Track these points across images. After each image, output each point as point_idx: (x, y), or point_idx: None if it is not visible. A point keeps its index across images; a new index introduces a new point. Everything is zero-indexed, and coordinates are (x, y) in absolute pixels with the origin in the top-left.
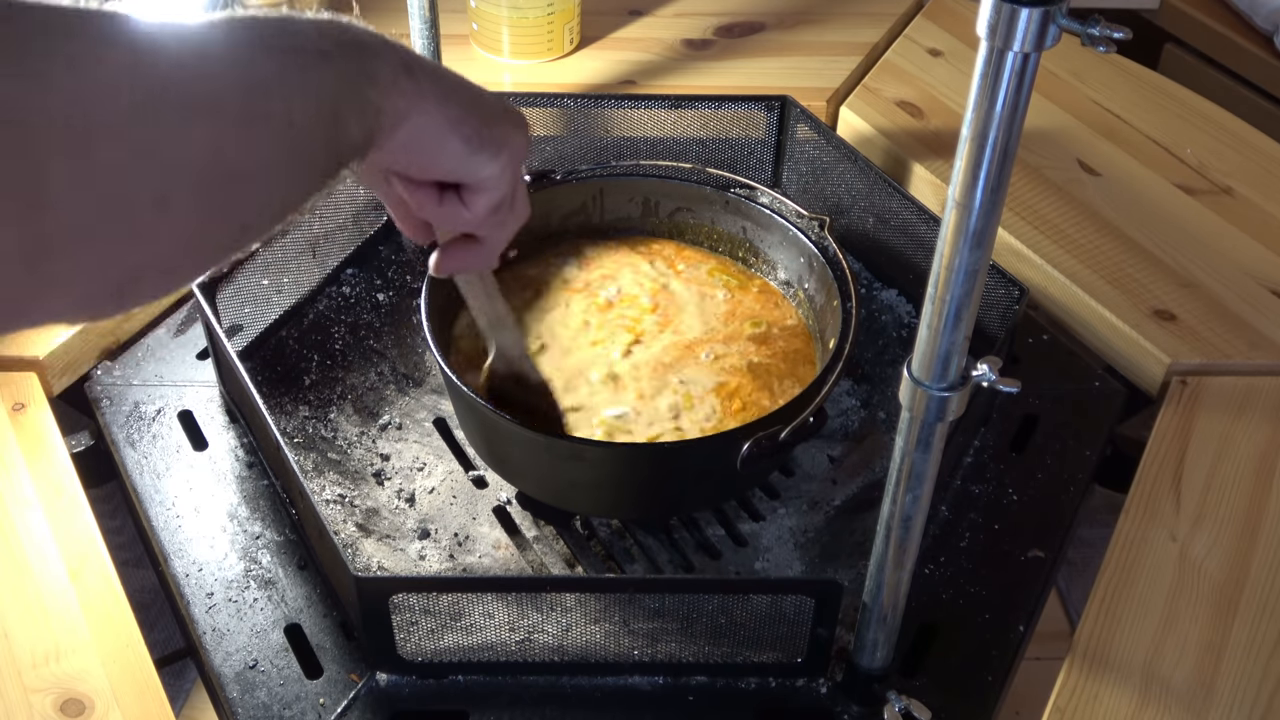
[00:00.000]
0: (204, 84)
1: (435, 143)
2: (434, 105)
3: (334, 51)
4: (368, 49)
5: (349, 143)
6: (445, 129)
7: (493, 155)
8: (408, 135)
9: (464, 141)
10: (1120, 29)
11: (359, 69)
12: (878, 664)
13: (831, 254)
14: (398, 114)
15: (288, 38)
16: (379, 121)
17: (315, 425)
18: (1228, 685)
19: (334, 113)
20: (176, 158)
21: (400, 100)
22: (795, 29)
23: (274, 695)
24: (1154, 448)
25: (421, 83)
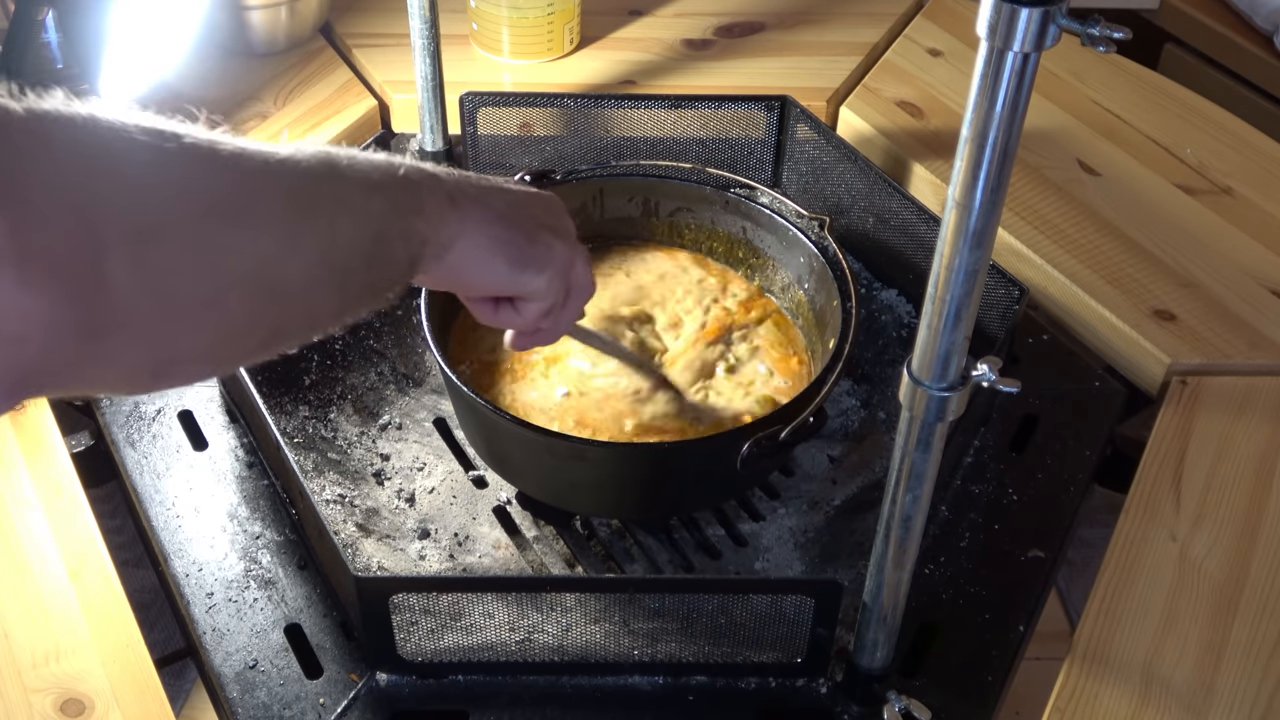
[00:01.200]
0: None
1: (481, 267)
2: (476, 231)
3: (384, 183)
4: (415, 185)
5: (394, 266)
6: (489, 253)
7: (537, 271)
8: (454, 262)
9: (508, 262)
10: (1120, 29)
11: (406, 200)
12: (878, 664)
13: (831, 254)
14: (442, 243)
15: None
16: (423, 250)
17: (315, 425)
18: (1228, 685)
19: (379, 236)
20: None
21: (445, 230)
22: (795, 29)
23: (274, 695)
24: (1154, 448)
25: (466, 212)
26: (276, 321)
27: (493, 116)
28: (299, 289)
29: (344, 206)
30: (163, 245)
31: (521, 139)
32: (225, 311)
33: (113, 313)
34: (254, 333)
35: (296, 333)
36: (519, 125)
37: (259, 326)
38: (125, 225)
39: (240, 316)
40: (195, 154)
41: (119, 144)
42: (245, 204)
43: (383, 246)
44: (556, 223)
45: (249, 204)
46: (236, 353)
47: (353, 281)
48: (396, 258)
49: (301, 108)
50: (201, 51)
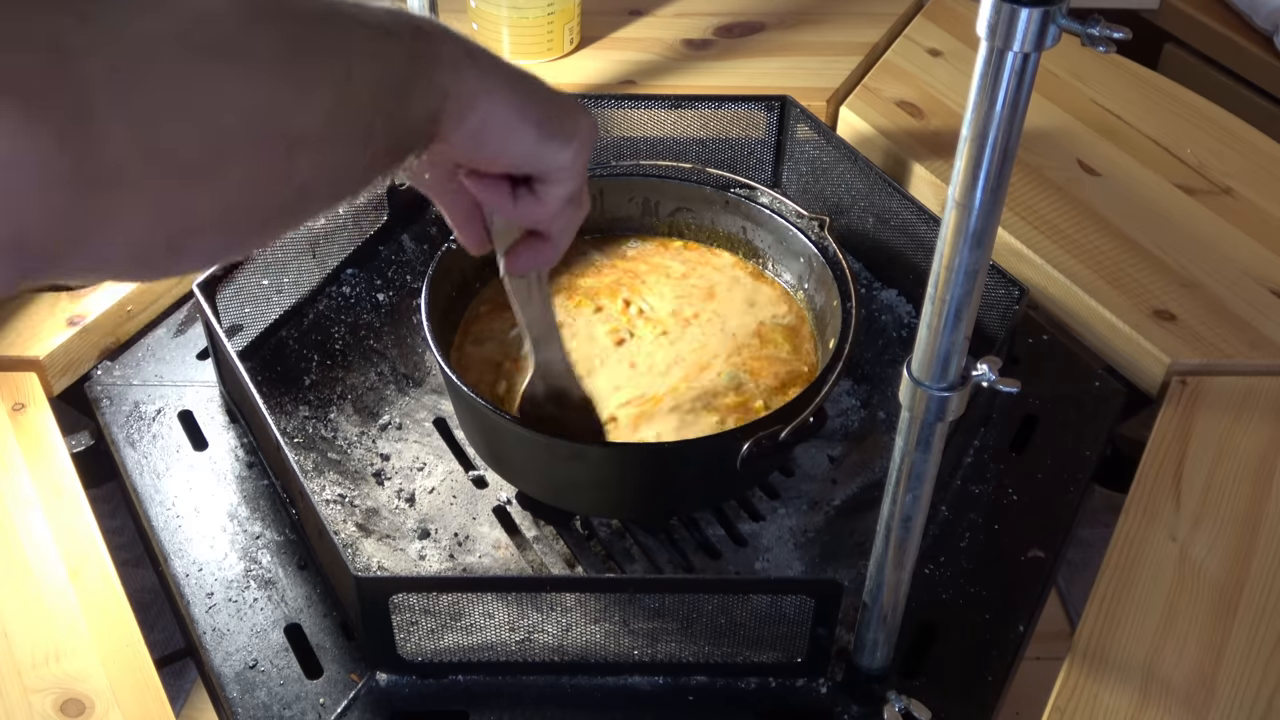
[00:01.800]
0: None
1: (507, 129)
2: (502, 90)
3: (398, 28)
4: (430, 31)
5: (414, 120)
6: (515, 115)
7: (565, 142)
8: (478, 121)
9: (536, 127)
10: (1120, 29)
11: (425, 49)
12: (878, 664)
13: (831, 254)
14: (465, 98)
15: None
16: (445, 105)
17: (315, 425)
18: (1228, 685)
19: (398, 84)
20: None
21: (467, 84)
22: (795, 29)
23: (274, 695)
24: (1154, 448)
25: (485, 68)
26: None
27: None
28: (316, 140)
29: (358, 50)
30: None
31: None
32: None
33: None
34: (273, 193)
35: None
36: None
37: (277, 185)
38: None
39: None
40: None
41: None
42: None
43: (404, 96)
44: (578, 104)
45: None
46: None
47: (374, 134)
48: (417, 110)
49: None
50: None
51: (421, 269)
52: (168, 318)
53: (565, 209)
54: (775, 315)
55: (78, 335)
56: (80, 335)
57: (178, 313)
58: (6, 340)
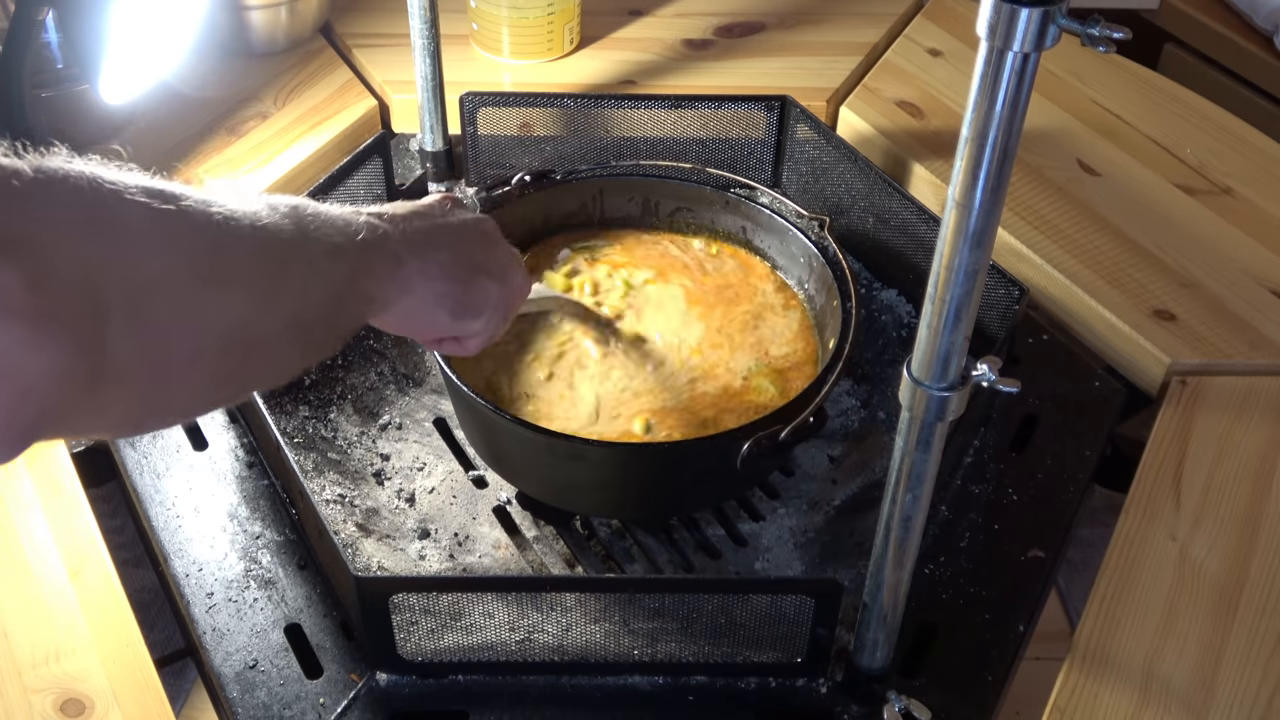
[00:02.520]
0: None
1: (424, 318)
2: (420, 287)
3: (345, 247)
4: (370, 246)
5: (347, 323)
6: (431, 306)
7: (475, 316)
8: (400, 315)
9: (449, 313)
10: (1120, 29)
11: (363, 264)
12: (878, 664)
13: (831, 254)
14: (388, 300)
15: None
16: (372, 307)
17: (315, 425)
18: (1228, 685)
19: (339, 298)
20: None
21: (391, 289)
22: (795, 29)
23: (274, 695)
24: (1154, 448)
25: (409, 271)
26: (247, 374)
27: (493, 116)
28: (270, 346)
29: (314, 271)
30: (158, 305)
31: (521, 139)
32: (206, 367)
33: (110, 367)
34: (226, 385)
35: (262, 383)
36: (519, 125)
37: (231, 380)
38: (125, 286)
39: (217, 371)
40: (190, 218)
41: (120, 207)
42: (234, 268)
43: (341, 306)
44: (491, 261)
45: (237, 268)
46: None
47: (315, 336)
48: (350, 315)
49: (301, 108)
50: (201, 51)
51: None
52: None
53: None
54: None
55: None
56: None
57: None
58: None
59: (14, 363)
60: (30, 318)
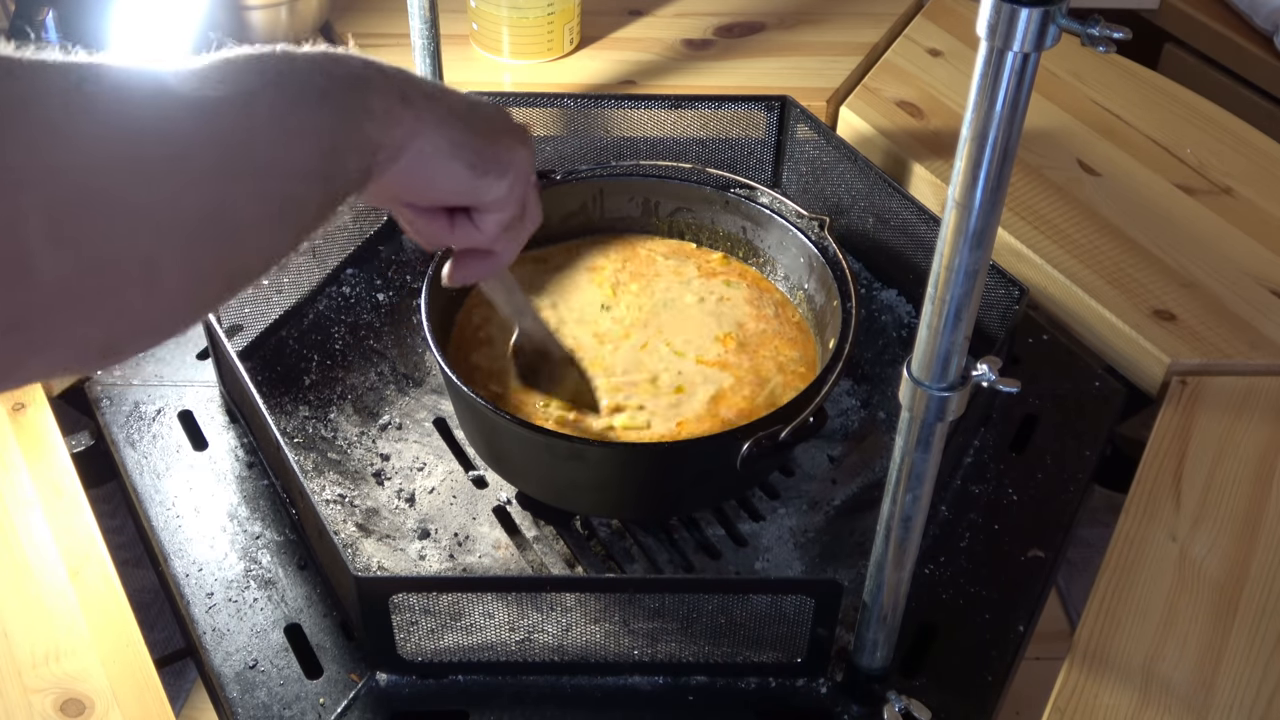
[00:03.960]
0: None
1: (437, 170)
2: (432, 132)
3: (330, 88)
4: (363, 81)
5: (345, 179)
6: (446, 155)
7: (498, 176)
8: (408, 164)
9: (467, 166)
10: (1120, 29)
11: (356, 103)
12: (878, 664)
13: (831, 254)
14: (396, 146)
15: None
16: (376, 156)
17: (315, 425)
18: (1228, 685)
19: (331, 149)
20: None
21: (397, 130)
22: (795, 29)
23: (274, 695)
24: (1154, 448)
25: (419, 110)
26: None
27: None
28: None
29: (289, 131)
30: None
31: None
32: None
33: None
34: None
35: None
36: None
37: (214, 276)
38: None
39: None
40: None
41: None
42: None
43: (334, 162)
44: (513, 126)
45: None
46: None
47: (307, 205)
48: (349, 170)
49: None
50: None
51: (421, 269)
52: None
53: (504, 234)
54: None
55: None
56: None
57: None
58: None
59: None
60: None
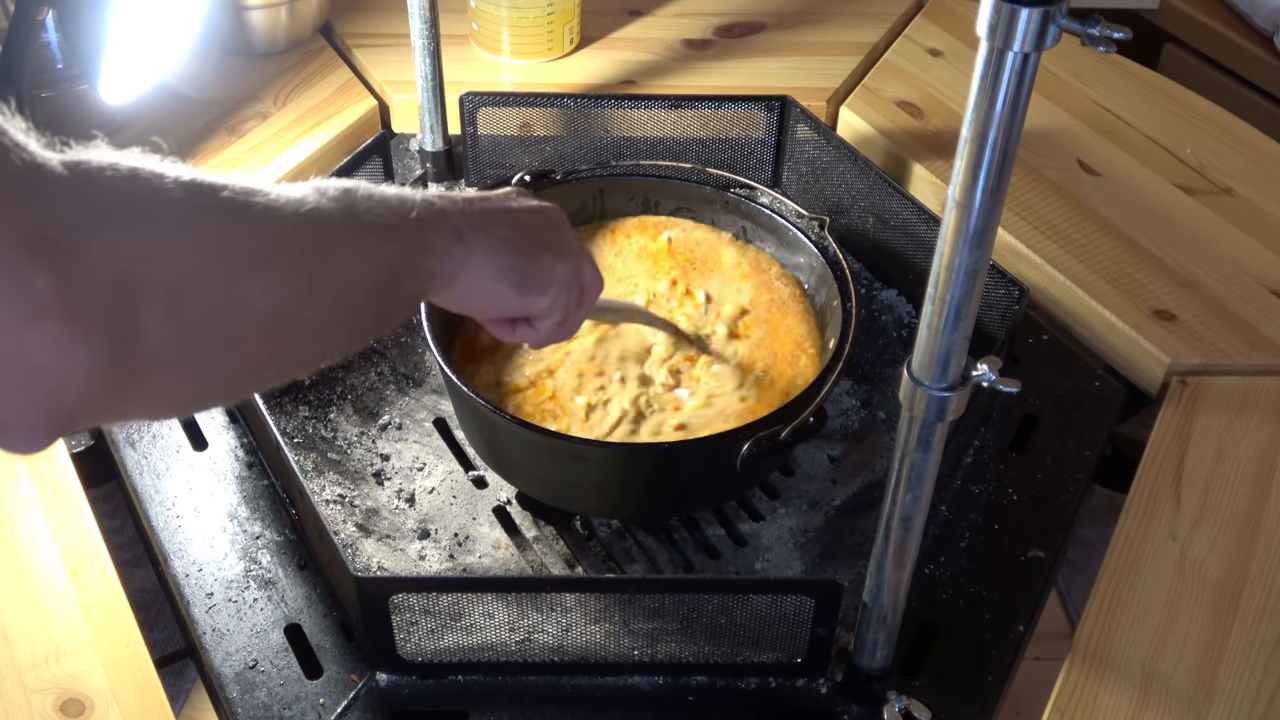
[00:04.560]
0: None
1: (488, 294)
2: (482, 261)
3: (398, 226)
4: (426, 223)
5: (401, 299)
6: (494, 281)
7: (541, 292)
8: (460, 290)
9: (513, 287)
10: (1120, 29)
11: (419, 240)
12: (878, 664)
13: (831, 254)
14: (448, 275)
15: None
16: (430, 283)
17: (315, 425)
18: (1228, 685)
19: (392, 277)
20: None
21: (451, 263)
22: (795, 29)
23: (274, 695)
24: (1154, 448)
25: (471, 244)
26: (291, 357)
27: (493, 116)
28: (314, 328)
29: (361, 253)
30: (194, 297)
31: (521, 139)
32: (246, 352)
33: (145, 360)
34: (269, 368)
35: (308, 364)
36: (519, 125)
37: (274, 362)
38: (161, 279)
39: (259, 355)
40: (229, 209)
41: (157, 200)
42: (272, 256)
43: (393, 284)
44: (556, 241)
45: (276, 256)
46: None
47: (363, 317)
48: (404, 293)
49: (301, 108)
50: (201, 51)
51: None
52: None
53: (560, 329)
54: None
55: None
56: None
57: None
58: None
59: (46, 361)
60: (62, 317)
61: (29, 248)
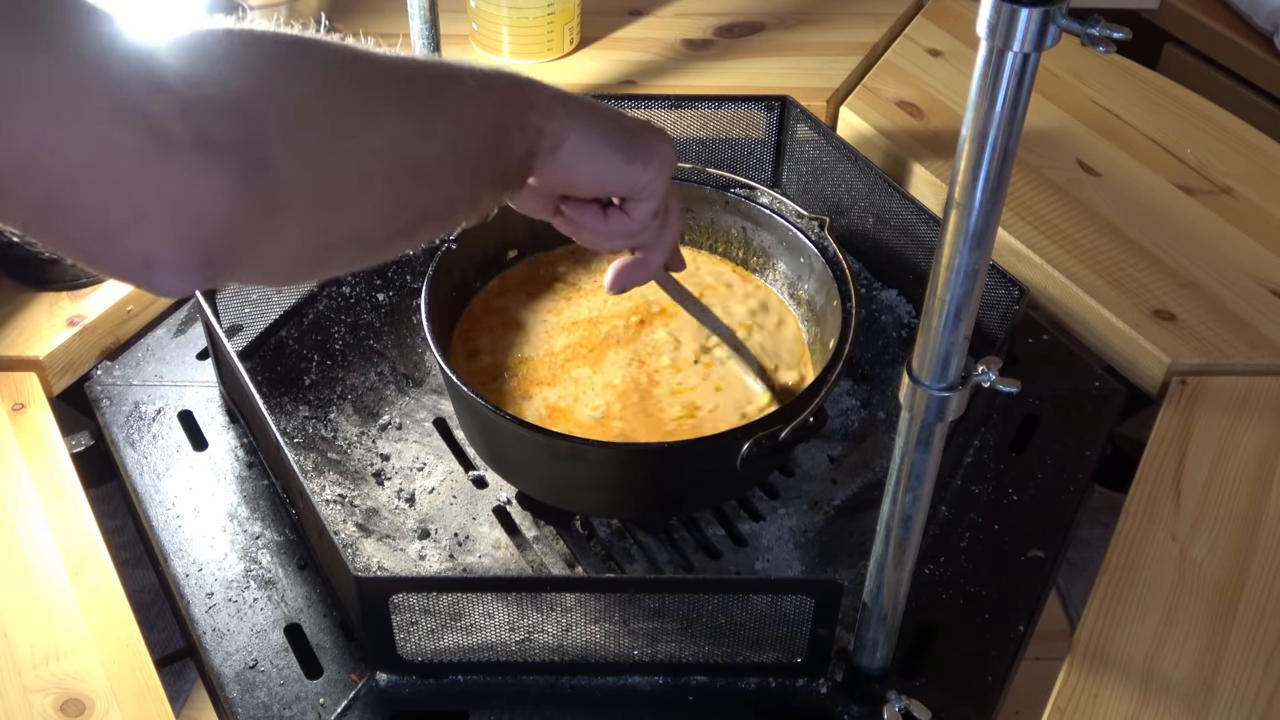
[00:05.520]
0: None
1: (593, 157)
2: (586, 125)
3: (496, 80)
4: (524, 83)
5: (513, 156)
6: (599, 144)
7: (645, 162)
8: (568, 153)
9: (619, 153)
10: (1120, 29)
11: (520, 96)
12: (878, 664)
13: (831, 254)
14: (556, 135)
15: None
16: (539, 142)
17: (315, 425)
18: (1228, 685)
19: (500, 126)
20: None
21: (557, 123)
22: (795, 29)
23: (274, 695)
24: (1154, 448)
25: (573, 108)
26: (420, 203)
27: None
28: (435, 171)
29: (467, 96)
30: (315, 129)
31: None
32: (374, 192)
33: (278, 192)
34: (401, 214)
35: (437, 217)
36: None
37: (405, 208)
38: (281, 112)
39: (387, 198)
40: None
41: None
42: (382, 91)
43: (504, 135)
44: (655, 127)
45: (385, 91)
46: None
47: (481, 167)
48: (516, 148)
49: None
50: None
51: (421, 269)
52: (168, 318)
53: (653, 223)
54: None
55: (78, 335)
56: (80, 335)
57: (178, 313)
58: (6, 340)
59: (185, 189)
60: (193, 144)
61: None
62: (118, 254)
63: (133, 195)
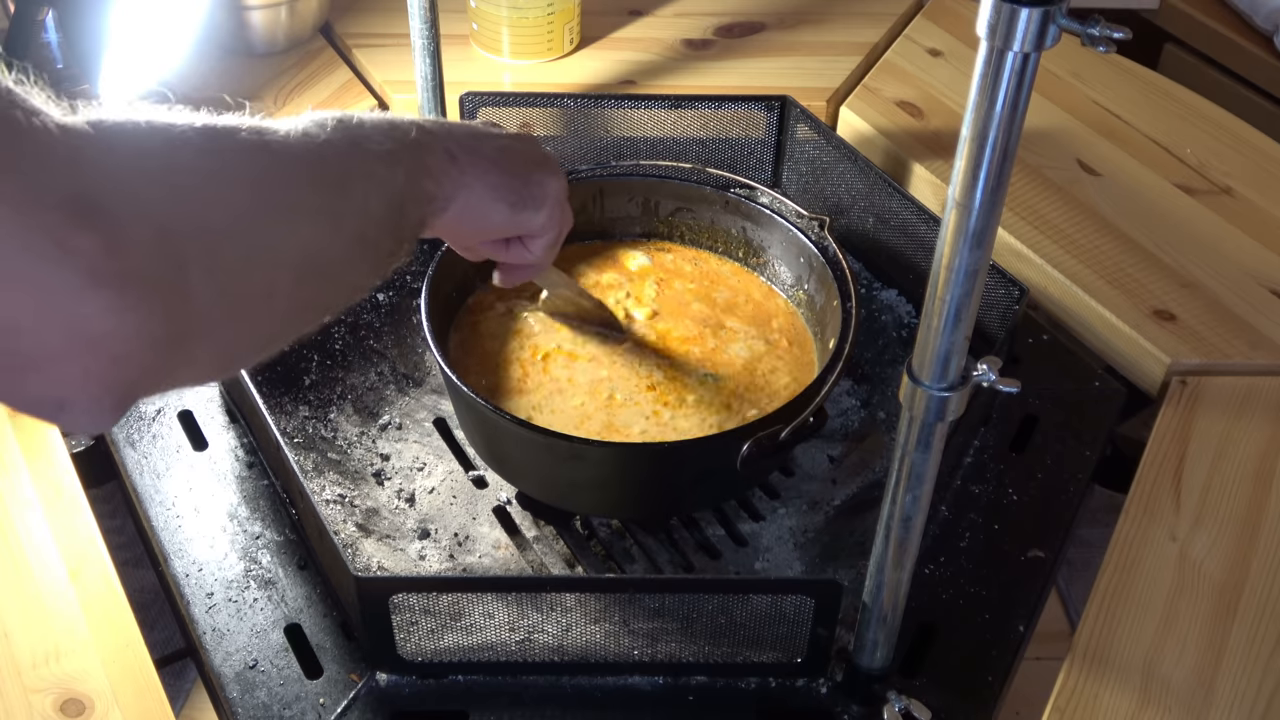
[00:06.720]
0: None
1: (480, 213)
2: (475, 181)
3: (399, 152)
4: (422, 146)
5: (409, 227)
6: (486, 198)
7: (535, 209)
8: (457, 213)
9: (508, 205)
10: (1120, 29)
11: (418, 164)
12: (878, 664)
13: (831, 254)
14: (447, 198)
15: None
16: (432, 207)
17: (315, 425)
18: (1228, 685)
19: (400, 205)
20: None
21: (448, 185)
22: (795, 29)
23: (274, 695)
24: (1154, 448)
25: (464, 165)
26: (322, 299)
27: (493, 116)
28: (341, 267)
29: (373, 183)
30: (232, 250)
31: None
32: (282, 300)
33: (196, 319)
34: (304, 314)
35: (338, 306)
36: (519, 125)
37: (309, 307)
38: (197, 234)
39: (294, 302)
40: (250, 153)
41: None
42: (296, 195)
43: (402, 212)
44: (543, 159)
45: (299, 196)
46: (288, 334)
47: (381, 249)
48: (411, 220)
49: (301, 108)
50: (201, 51)
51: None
52: None
53: (551, 250)
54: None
55: None
56: None
57: None
58: None
59: (105, 329)
60: (115, 282)
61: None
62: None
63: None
